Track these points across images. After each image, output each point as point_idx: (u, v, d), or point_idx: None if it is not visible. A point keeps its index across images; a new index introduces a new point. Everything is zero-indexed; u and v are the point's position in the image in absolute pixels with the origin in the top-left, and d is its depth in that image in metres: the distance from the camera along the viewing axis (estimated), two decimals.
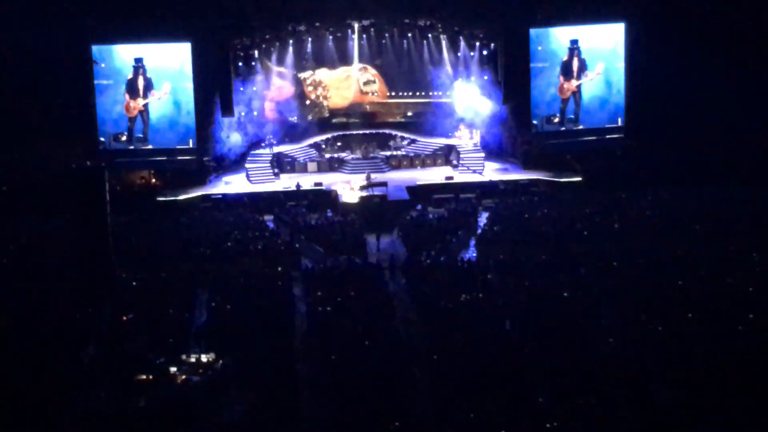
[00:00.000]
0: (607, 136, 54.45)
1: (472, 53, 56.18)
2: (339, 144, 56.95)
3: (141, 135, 51.89)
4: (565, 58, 53.67)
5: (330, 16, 55.15)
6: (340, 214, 47.06)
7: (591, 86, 54.07)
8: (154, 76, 51.56)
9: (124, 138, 51.80)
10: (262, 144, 55.10)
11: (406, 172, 54.53)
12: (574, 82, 53.70)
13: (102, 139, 51.46)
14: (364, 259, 41.36)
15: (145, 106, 51.62)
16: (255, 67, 55.44)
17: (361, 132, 57.45)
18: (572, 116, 54.16)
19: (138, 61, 51.39)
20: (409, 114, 58.71)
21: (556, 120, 54.00)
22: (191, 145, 51.96)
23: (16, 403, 27.80)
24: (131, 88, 51.57)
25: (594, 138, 54.31)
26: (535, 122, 53.66)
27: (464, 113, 55.97)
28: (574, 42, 53.53)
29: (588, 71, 53.78)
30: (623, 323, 33.03)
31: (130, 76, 51.52)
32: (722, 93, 51.94)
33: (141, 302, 35.78)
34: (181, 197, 50.18)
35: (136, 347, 31.66)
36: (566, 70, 53.75)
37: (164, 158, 52.13)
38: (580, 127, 54.31)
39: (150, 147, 51.98)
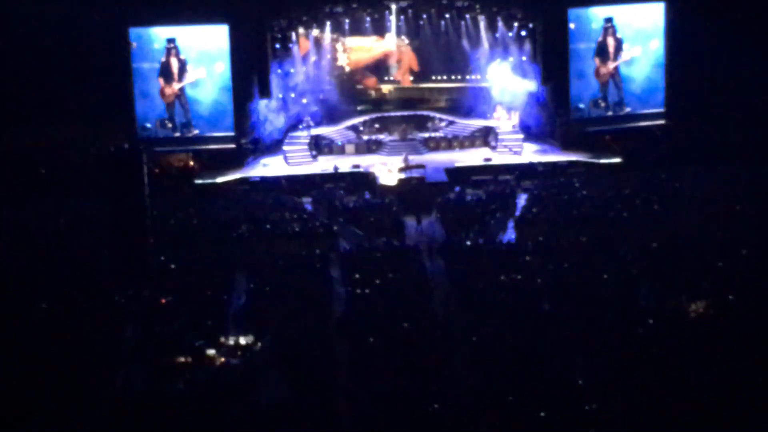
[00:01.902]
0: (650, 123, 53.15)
1: (510, 33, 55.61)
2: (377, 126, 56.62)
3: (184, 121, 51.36)
4: (600, 38, 52.37)
5: None
6: (378, 196, 47.00)
7: (641, 69, 53.01)
8: (203, 59, 50.81)
9: (170, 125, 51.27)
10: (300, 126, 55.01)
11: (444, 153, 54.13)
12: (610, 65, 52.78)
13: (148, 125, 50.98)
14: (402, 241, 41.28)
15: (182, 90, 51.07)
16: (292, 49, 55.27)
17: (399, 114, 57.12)
18: (616, 100, 53.10)
19: (170, 41, 50.29)
20: (447, 99, 58.40)
21: (603, 104, 53.11)
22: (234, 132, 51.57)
23: (54, 384, 27.96)
24: (165, 72, 50.72)
25: (638, 124, 53.10)
26: (581, 106, 52.86)
27: (500, 95, 55.47)
28: (608, 20, 52.03)
29: (624, 50, 52.48)
30: (662, 304, 32.74)
31: (163, 59, 50.65)
32: (765, 72, 51.29)
33: (179, 284, 35.91)
34: (219, 180, 50.16)
35: (174, 329, 31.75)
36: (602, 52, 52.44)
37: (204, 146, 51.70)
38: (628, 110, 53.18)
39: (196, 132, 51.44)
